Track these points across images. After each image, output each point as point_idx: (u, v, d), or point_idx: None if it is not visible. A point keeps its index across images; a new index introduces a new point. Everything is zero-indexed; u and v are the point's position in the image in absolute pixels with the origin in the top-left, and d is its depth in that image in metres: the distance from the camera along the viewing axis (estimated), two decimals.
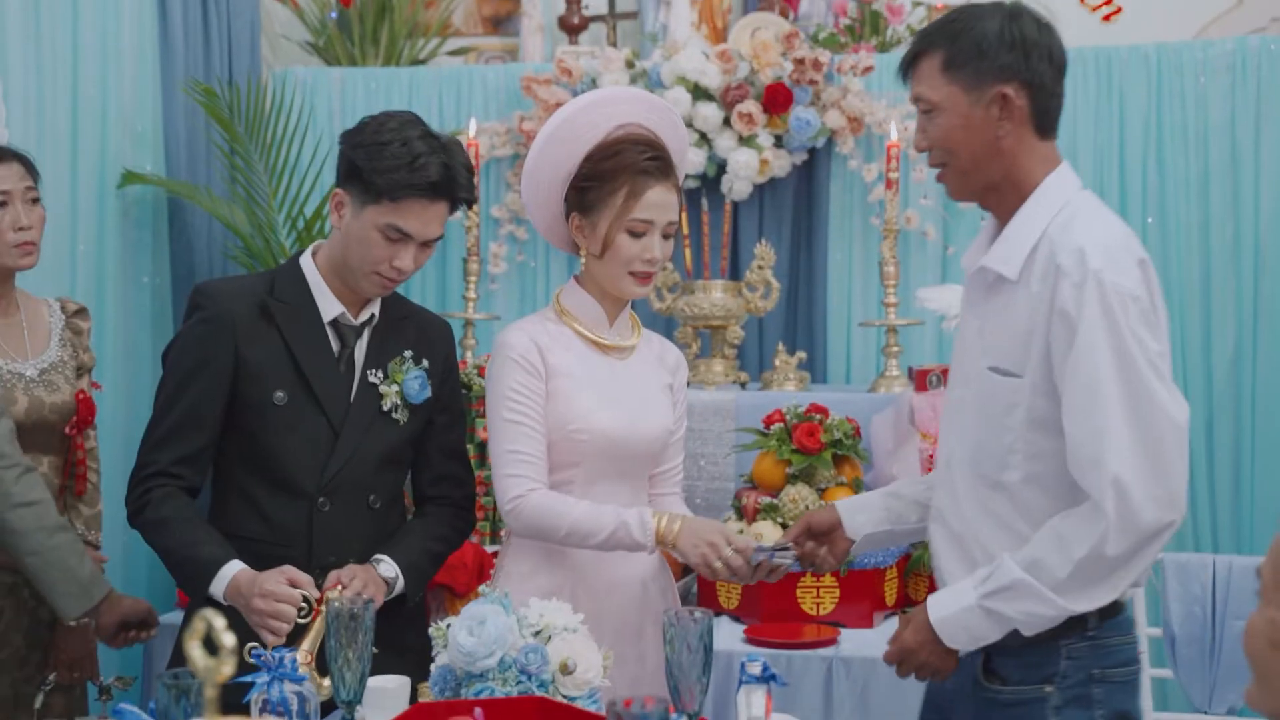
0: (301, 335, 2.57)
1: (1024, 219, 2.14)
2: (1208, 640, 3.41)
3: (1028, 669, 2.15)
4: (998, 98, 2.12)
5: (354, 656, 2.09)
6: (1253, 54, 4.30)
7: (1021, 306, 2.10)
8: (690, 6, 4.79)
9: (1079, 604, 2.06)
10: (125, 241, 4.11)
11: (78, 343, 3.09)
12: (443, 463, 2.75)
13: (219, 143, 4.48)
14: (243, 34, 4.75)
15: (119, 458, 3.89)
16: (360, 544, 2.59)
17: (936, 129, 2.17)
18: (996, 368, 2.13)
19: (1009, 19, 2.14)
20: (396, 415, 2.62)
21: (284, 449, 2.55)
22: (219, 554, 2.46)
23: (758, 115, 4.46)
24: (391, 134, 2.50)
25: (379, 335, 2.64)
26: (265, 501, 2.57)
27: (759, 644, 3.29)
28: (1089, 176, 4.41)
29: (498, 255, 4.75)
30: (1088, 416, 2.01)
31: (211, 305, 2.56)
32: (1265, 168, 4.29)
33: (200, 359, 2.54)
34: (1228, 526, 4.29)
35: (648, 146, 2.58)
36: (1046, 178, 2.16)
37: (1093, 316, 2.00)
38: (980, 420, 2.17)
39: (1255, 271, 4.29)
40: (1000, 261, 2.14)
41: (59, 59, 3.80)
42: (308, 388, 2.56)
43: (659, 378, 2.70)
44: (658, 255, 2.58)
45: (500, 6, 5.35)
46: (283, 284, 2.61)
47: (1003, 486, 2.14)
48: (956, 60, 2.14)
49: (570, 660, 2.13)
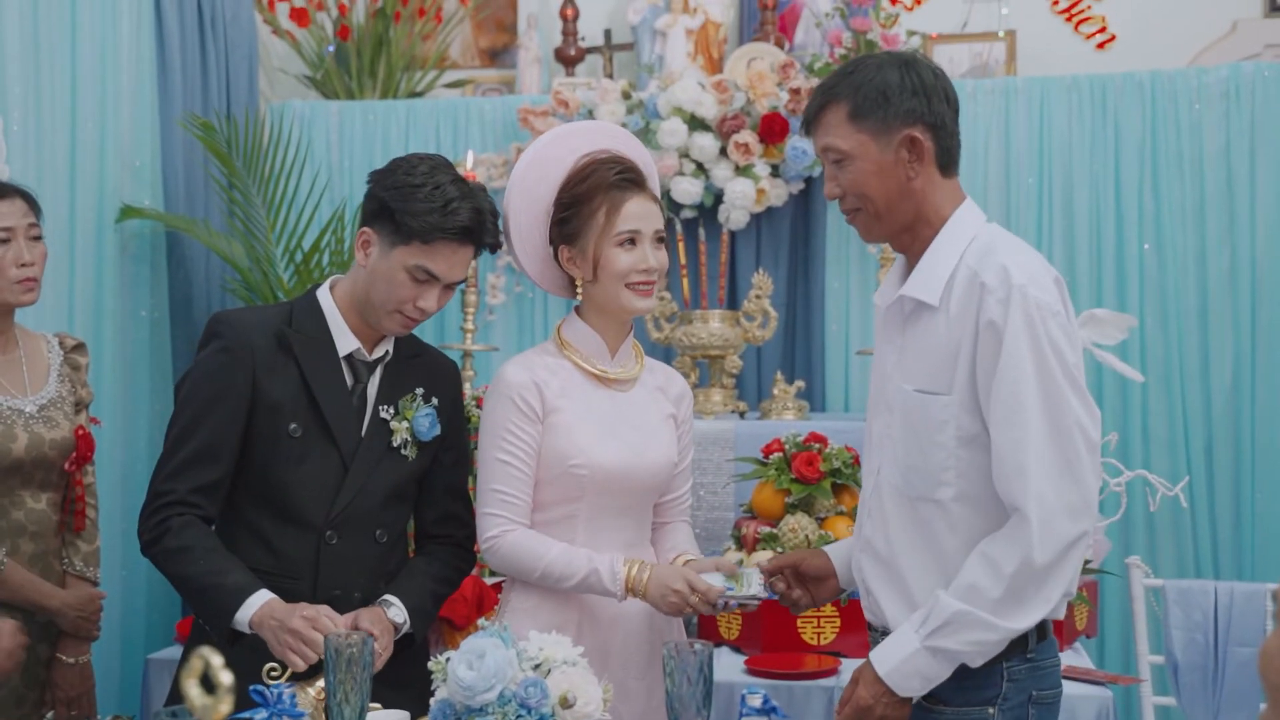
0: (318, 368, 2.58)
1: (939, 249, 2.22)
2: (1210, 667, 3.40)
3: (969, 690, 2.18)
4: (905, 140, 2.20)
5: (353, 692, 2.09)
6: (1247, 80, 4.32)
7: (942, 329, 2.17)
8: (686, 38, 4.81)
9: (1018, 621, 2.10)
10: (123, 276, 4.11)
11: (76, 378, 3.08)
12: (448, 502, 2.76)
13: (217, 177, 4.48)
14: (240, 68, 4.76)
15: (116, 492, 3.89)
16: (365, 578, 2.60)
17: (849, 177, 2.23)
18: (922, 389, 2.19)
19: (905, 67, 2.23)
20: (405, 452, 2.64)
21: (294, 481, 2.56)
22: (247, 582, 2.46)
23: (754, 145, 4.47)
24: (423, 177, 2.53)
25: (391, 372, 2.65)
26: (272, 534, 2.57)
27: (760, 675, 3.27)
28: (1084, 204, 4.42)
29: (495, 286, 4.75)
30: (1010, 426, 2.09)
31: (231, 334, 2.56)
32: (1261, 194, 4.30)
33: (220, 388, 2.54)
34: (1229, 553, 4.28)
35: (615, 163, 2.60)
36: (956, 211, 2.24)
37: (1016, 328, 2.08)
38: (910, 442, 2.21)
39: (1253, 298, 4.29)
40: (920, 289, 2.20)
41: (57, 94, 3.81)
42: (322, 421, 2.57)
43: (661, 409, 2.69)
44: (653, 264, 2.58)
45: (497, 39, 5.37)
46: (301, 316, 2.62)
47: (935, 504, 2.19)
48: (863, 109, 2.21)
49: (570, 694, 2.12)
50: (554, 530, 2.60)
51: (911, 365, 2.22)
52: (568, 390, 2.60)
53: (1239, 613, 3.38)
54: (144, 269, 4.22)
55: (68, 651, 2.98)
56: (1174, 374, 4.33)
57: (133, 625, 4.03)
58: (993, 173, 4.50)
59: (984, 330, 2.12)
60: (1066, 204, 4.44)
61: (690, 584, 2.48)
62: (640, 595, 2.51)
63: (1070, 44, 4.77)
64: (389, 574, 2.64)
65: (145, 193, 4.21)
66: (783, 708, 3.10)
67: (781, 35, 4.81)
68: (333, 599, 2.51)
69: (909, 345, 2.24)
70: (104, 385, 3.89)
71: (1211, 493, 4.29)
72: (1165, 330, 4.35)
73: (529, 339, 4.72)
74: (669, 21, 4.81)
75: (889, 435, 2.26)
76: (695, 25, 4.81)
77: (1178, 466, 4.27)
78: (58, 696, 2.96)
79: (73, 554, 3.02)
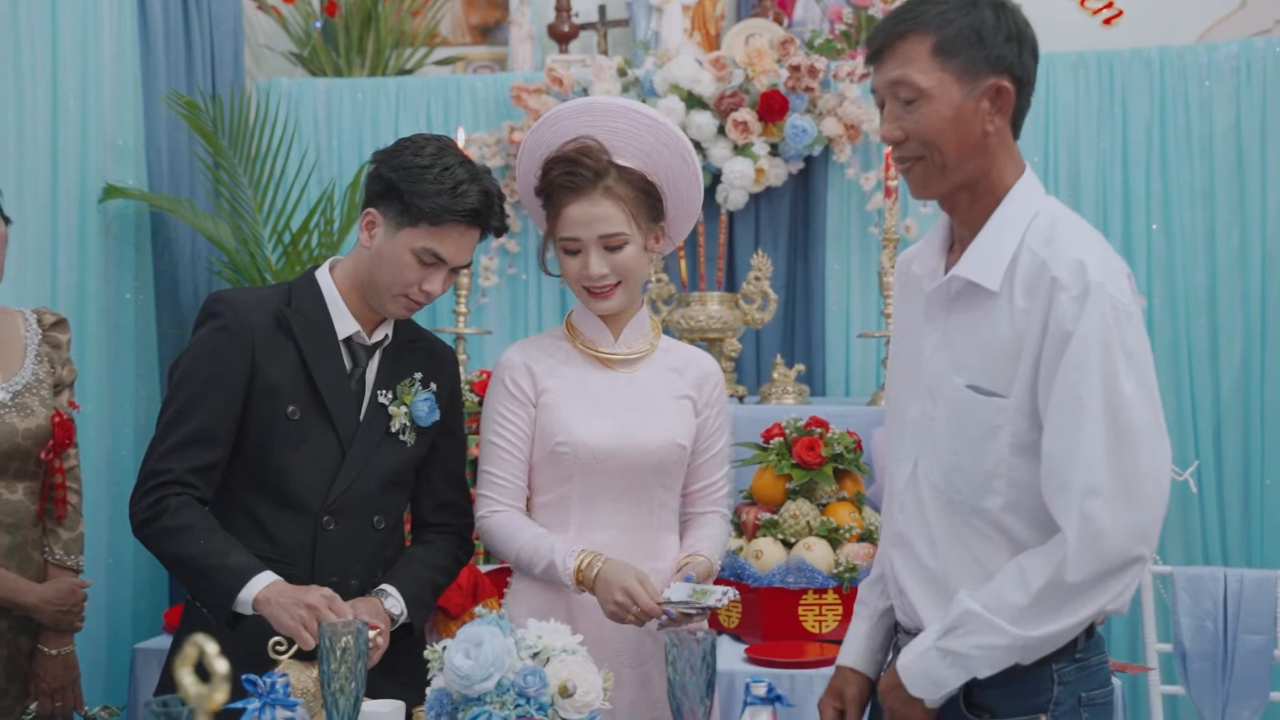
0: (317, 350, 2.54)
1: (999, 226, 2.02)
2: (1219, 655, 3.37)
3: (1016, 698, 2.02)
4: (991, 89, 1.99)
5: (349, 681, 2.06)
6: (1258, 57, 4.26)
7: (1003, 321, 1.98)
8: (683, 14, 4.74)
9: (1035, 630, 1.94)
10: (107, 257, 4.03)
11: (56, 356, 2.98)
12: (446, 490, 2.73)
13: (202, 156, 4.41)
14: (225, 45, 4.69)
15: (101, 478, 3.82)
16: (363, 565, 2.57)
17: (920, 119, 2.00)
18: (976, 386, 2.00)
19: (999, 8, 2.01)
20: (404, 437, 2.61)
21: (291, 465, 2.51)
22: (252, 563, 2.41)
23: (753, 123, 4.40)
24: (431, 158, 2.50)
25: (390, 357, 2.62)
26: (268, 519, 2.53)
27: (761, 664, 3.22)
28: (1092, 183, 4.36)
29: (488, 269, 4.68)
30: (1063, 436, 1.91)
31: (230, 314, 2.51)
32: (1271, 172, 4.25)
33: (218, 368, 2.49)
34: (1238, 539, 4.23)
35: (564, 161, 2.54)
36: (1017, 182, 2.05)
37: (1087, 331, 1.90)
38: (958, 442, 2.03)
39: (1263, 278, 4.25)
40: (978, 271, 2.01)
41: (38, 72, 3.73)
42: (320, 404, 2.53)
43: (672, 389, 2.63)
44: (593, 272, 2.53)
45: (488, 15, 5.29)
46: (300, 297, 2.58)
47: (982, 513, 2.02)
48: (952, 45, 1.98)
49: (569, 682, 2.08)
50: (550, 513, 2.60)
51: (963, 356, 2.03)
52: (560, 371, 2.60)
53: (1248, 600, 3.36)
54: (128, 250, 4.14)
55: (50, 643, 2.91)
56: (1182, 356, 4.28)
57: (119, 614, 3.97)
58: None
59: (1052, 333, 1.92)
60: (1073, 183, 4.38)
61: (631, 594, 2.40)
62: (590, 591, 2.46)
63: (1077, 20, 4.70)
64: (386, 561, 2.61)
65: (129, 172, 4.13)
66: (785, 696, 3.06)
67: (780, 11, 4.75)
68: (329, 585, 2.45)
69: (958, 331, 2.04)
70: (88, 369, 3.82)
71: (1220, 478, 4.25)
72: (1174, 312, 4.30)
73: (522, 322, 4.67)
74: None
75: (930, 427, 2.08)
76: (692, 1, 4.73)
77: (1186, 451, 4.22)
78: (41, 688, 2.89)
79: (53, 542, 2.94)
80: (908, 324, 2.18)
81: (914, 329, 2.15)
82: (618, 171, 2.54)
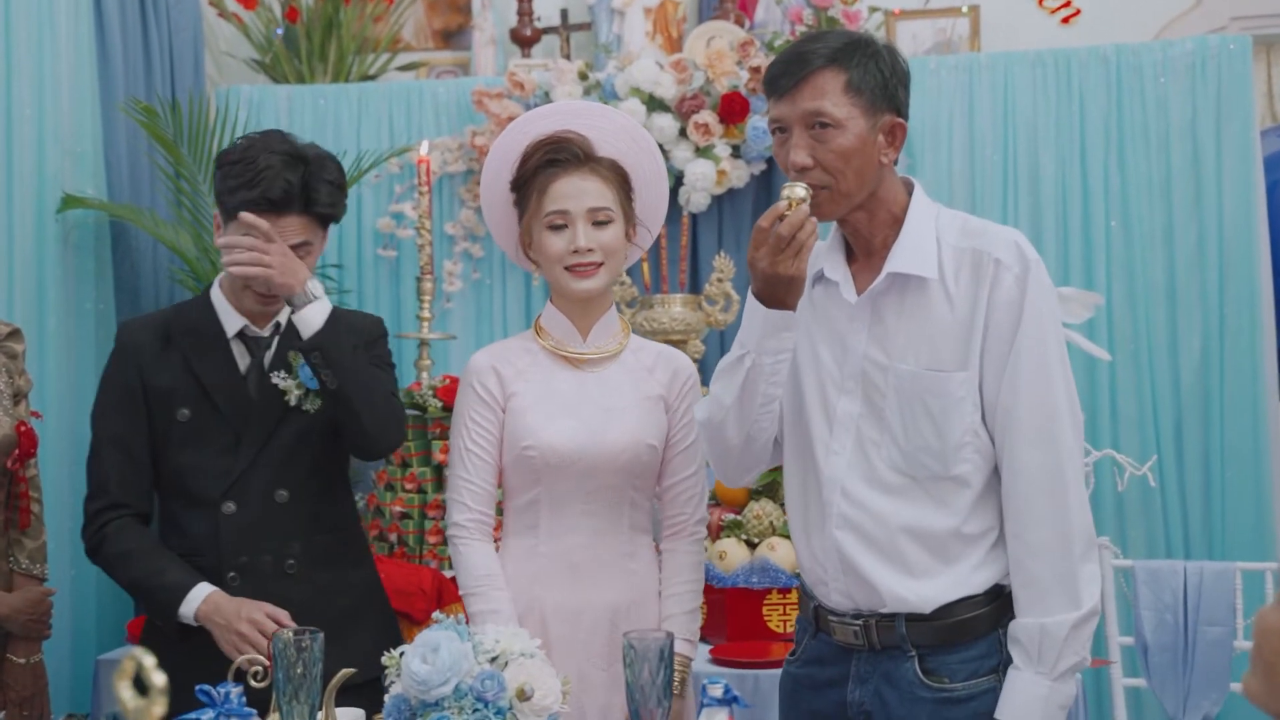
0: (202, 353, 2.67)
1: (914, 226, 2.21)
2: (1180, 648, 3.39)
3: (973, 663, 2.18)
4: (888, 126, 2.19)
5: (302, 689, 2.07)
6: (1213, 54, 4.27)
7: (942, 305, 2.17)
8: (644, 17, 4.73)
9: (1089, 588, 2.12)
10: (66, 267, 4.00)
11: (13, 367, 2.98)
12: None
13: (162, 165, 4.38)
14: (185, 51, 4.66)
15: (64, 487, 3.80)
16: (271, 540, 2.66)
17: (830, 147, 2.15)
18: (933, 368, 2.16)
19: (891, 53, 2.21)
20: (306, 406, 2.69)
21: (189, 464, 2.65)
22: (186, 577, 2.58)
23: (714, 125, 4.40)
24: (240, 153, 2.62)
25: (287, 340, 2.70)
26: (179, 514, 2.68)
27: (725, 664, 3.23)
28: (1050, 181, 4.37)
29: (453, 274, 4.66)
30: (1043, 398, 2.13)
31: (120, 337, 2.73)
32: (1227, 168, 4.25)
33: (115, 391, 2.69)
34: (1199, 533, 4.24)
35: (551, 142, 2.57)
36: (913, 195, 2.24)
37: (1035, 303, 2.13)
38: (922, 422, 2.17)
39: (1220, 273, 4.25)
40: (914, 265, 2.17)
41: None
42: (210, 402, 2.66)
43: (641, 388, 2.62)
44: (582, 244, 2.53)
45: (451, 20, 5.28)
46: (189, 309, 2.76)
47: (951, 480, 2.18)
48: (859, 83, 2.16)
49: (528, 685, 2.09)
50: (520, 517, 2.61)
51: (907, 343, 2.18)
52: (528, 373, 2.60)
53: (1208, 592, 3.38)
54: (88, 260, 4.11)
55: (19, 652, 2.91)
56: (1142, 351, 4.29)
57: (83, 625, 3.94)
58: (957, 149, 4.43)
59: (1002, 303, 2.13)
60: (1032, 180, 4.39)
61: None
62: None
63: (1035, 19, 4.72)
64: (308, 531, 2.68)
65: (88, 181, 4.10)
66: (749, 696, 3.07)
67: (741, 13, 4.74)
68: (240, 566, 2.62)
69: (899, 324, 2.19)
70: (49, 379, 3.79)
71: (1181, 471, 4.25)
72: (1133, 307, 4.31)
73: (487, 326, 4.65)
74: (627, 0, 4.73)
75: (878, 416, 2.20)
76: (654, 4, 4.73)
77: (1147, 445, 4.23)
78: (10, 698, 2.89)
79: (18, 552, 2.94)
80: (821, 335, 2.28)
81: (821, 334, 2.27)
82: (598, 159, 2.58)
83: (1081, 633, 2.12)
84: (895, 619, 2.18)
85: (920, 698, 2.17)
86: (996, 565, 2.19)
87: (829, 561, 2.24)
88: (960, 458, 2.16)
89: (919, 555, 2.18)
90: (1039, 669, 2.11)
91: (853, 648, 2.24)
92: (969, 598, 2.17)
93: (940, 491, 2.17)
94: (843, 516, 2.22)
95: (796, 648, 2.38)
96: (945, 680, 2.17)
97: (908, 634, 2.18)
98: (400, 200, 4.68)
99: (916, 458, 2.17)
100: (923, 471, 2.17)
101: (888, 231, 2.22)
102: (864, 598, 2.21)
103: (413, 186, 4.49)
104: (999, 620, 2.18)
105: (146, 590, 2.64)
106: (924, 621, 2.17)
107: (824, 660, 2.29)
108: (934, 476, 2.17)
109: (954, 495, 2.17)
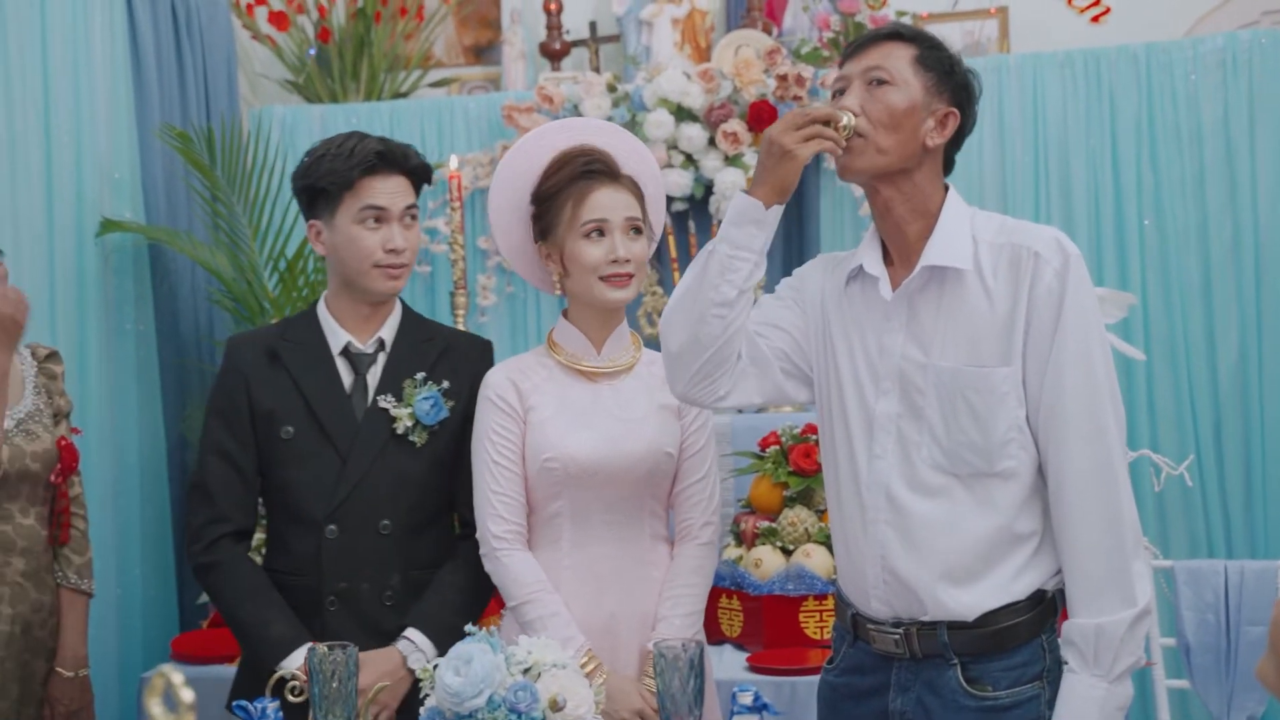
0: (308, 370, 2.68)
1: (949, 221, 2.19)
2: (1223, 648, 3.35)
3: (1016, 670, 2.15)
4: (943, 114, 2.19)
5: (337, 704, 2.10)
6: (1244, 49, 4.25)
7: (980, 299, 2.14)
8: (672, 27, 4.75)
9: (1142, 585, 2.11)
10: (106, 290, 4.05)
11: (53, 387, 3.04)
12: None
13: (198, 188, 4.43)
14: (219, 74, 4.72)
15: (107, 508, 3.85)
16: (372, 569, 2.64)
17: (881, 100, 2.16)
18: (977, 364, 2.13)
19: (964, 65, 2.25)
20: (412, 438, 2.67)
21: (294, 482, 2.65)
22: (291, 634, 2.57)
23: (743, 134, 4.41)
24: (323, 147, 2.67)
25: (394, 360, 2.70)
26: (284, 533, 2.69)
27: (763, 671, 3.23)
28: (1082, 180, 4.36)
29: (486, 287, 4.70)
30: (1089, 393, 2.10)
31: (228, 357, 2.74)
32: (1261, 164, 4.23)
33: (224, 409, 2.70)
34: (1240, 531, 4.21)
35: (584, 154, 2.59)
36: (948, 195, 2.23)
37: (1076, 297, 2.11)
38: (965, 419, 2.14)
39: (1257, 270, 4.22)
40: (949, 257, 2.15)
41: (30, 106, 3.76)
42: (315, 420, 2.65)
43: (655, 398, 2.63)
44: (621, 254, 2.55)
45: (481, 35, 5.32)
46: (295, 325, 2.76)
47: (997, 476, 2.15)
48: (928, 62, 2.19)
49: (560, 696, 2.10)
50: (544, 531, 2.61)
51: (946, 339, 2.15)
52: (544, 387, 2.61)
53: (1250, 591, 3.33)
54: (128, 282, 4.17)
55: (66, 665, 2.95)
56: (1178, 350, 4.26)
57: (129, 642, 3.99)
58: (988, 151, 4.42)
59: (1042, 302, 2.11)
60: (1064, 181, 4.37)
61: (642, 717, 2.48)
62: None
63: (1064, 19, 4.69)
64: (406, 565, 2.66)
65: (126, 205, 4.16)
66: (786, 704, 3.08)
67: (769, 21, 4.74)
68: (339, 592, 2.61)
69: (936, 320, 2.17)
70: (91, 400, 3.85)
71: (1221, 470, 4.22)
72: (1168, 306, 4.28)
73: (521, 339, 4.67)
74: (654, 11, 4.76)
75: (918, 414, 2.17)
76: (681, 14, 4.75)
77: (1185, 445, 4.20)
78: (57, 711, 2.93)
79: (65, 567, 3.00)
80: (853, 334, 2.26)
81: (856, 335, 2.24)
82: (623, 175, 2.61)
83: (1137, 631, 2.10)
84: (937, 627, 2.16)
85: (964, 706, 2.15)
86: (1039, 570, 2.16)
87: (870, 568, 2.21)
88: (1005, 453, 2.13)
89: (961, 559, 2.14)
90: (1096, 671, 2.09)
91: (893, 656, 2.21)
92: (1012, 604, 2.15)
93: (984, 489, 2.14)
94: (885, 521, 2.19)
95: (834, 656, 2.35)
96: (989, 688, 2.14)
97: (950, 642, 2.15)
98: (433, 216, 4.72)
99: (959, 454, 2.14)
100: (965, 468, 2.14)
101: (921, 225, 2.20)
102: (904, 606, 2.19)
103: (445, 202, 4.52)
104: (1042, 626, 2.16)
105: (248, 637, 2.62)
106: (967, 629, 2.15)
107: (863, 669, 2.27)
108: (977, 473, 2.14)
109: (1000, 492, 2.14)
